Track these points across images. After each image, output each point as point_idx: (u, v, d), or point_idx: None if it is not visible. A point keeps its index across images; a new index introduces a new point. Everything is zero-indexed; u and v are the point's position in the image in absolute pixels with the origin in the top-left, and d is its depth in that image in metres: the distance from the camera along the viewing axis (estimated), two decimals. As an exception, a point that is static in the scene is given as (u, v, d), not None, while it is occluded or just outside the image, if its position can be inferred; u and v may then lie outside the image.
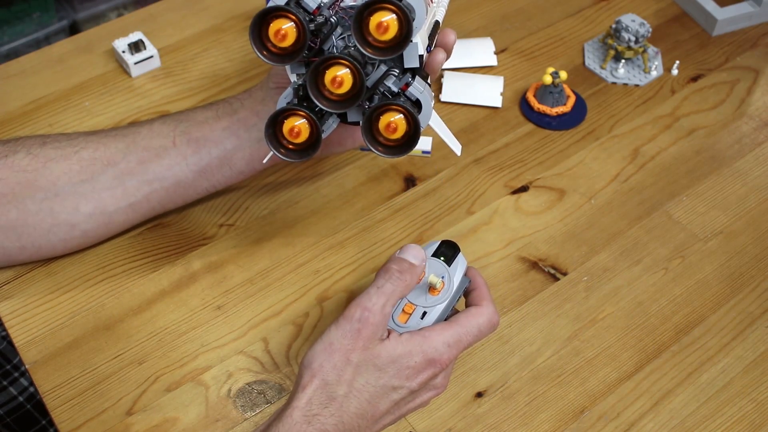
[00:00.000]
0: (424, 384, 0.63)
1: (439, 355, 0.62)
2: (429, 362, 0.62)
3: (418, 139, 0.62)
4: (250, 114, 0.74)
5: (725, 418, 0.71)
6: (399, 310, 0.66)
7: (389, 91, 0.64)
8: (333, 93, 0.62)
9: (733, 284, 0.80)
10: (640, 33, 0.94)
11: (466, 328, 0.64)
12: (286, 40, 0.61)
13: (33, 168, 0.71)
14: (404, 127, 0.63)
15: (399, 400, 0.63)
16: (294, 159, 0.65)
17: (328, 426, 0.60)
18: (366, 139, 0.64)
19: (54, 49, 0.98)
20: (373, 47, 0.60)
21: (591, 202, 0.85)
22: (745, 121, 0.94)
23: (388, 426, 0.64)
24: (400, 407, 0.64)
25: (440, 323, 0.64)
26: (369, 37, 0.60)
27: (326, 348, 0.61)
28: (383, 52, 0.60)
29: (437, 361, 0.62)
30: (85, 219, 0.73)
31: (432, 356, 0.62)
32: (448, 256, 0.67)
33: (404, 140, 0.63)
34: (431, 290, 0.66)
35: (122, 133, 0.74)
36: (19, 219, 0.71)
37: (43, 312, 0.75)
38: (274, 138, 0.65)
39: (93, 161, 0.72)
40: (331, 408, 0.60)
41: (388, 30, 0.59)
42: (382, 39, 0.60)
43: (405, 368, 0.62)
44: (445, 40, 0.70)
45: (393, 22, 0.59)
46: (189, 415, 0.69)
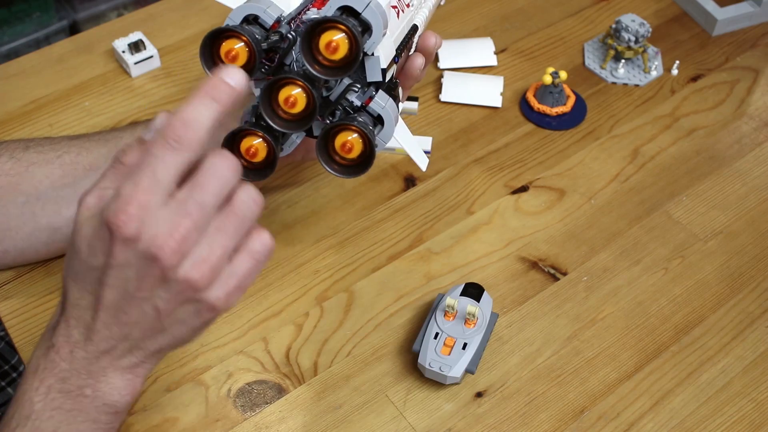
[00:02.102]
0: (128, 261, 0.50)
1: (111, 213, 0.49)
2: (105, 227, 0.50)
3: (372, 160, 0.61)
4: (230, 120, 0.74)
5: (725, 418, 0.71)
6: (440, 344, 0.70)
7: (351, 105, 0.62)
8: (287, 113, 0.61)
9: (733, 284, 0.80)
10: (640, 33, 0.94)
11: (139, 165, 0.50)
12: (237, 60, 0.59)
13: (15, 172, 0.72)
14: (360, 147, 0.61)
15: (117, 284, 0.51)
16: (251, 179, 0.63)
17: (62, 325, 0.54)
18: (320, 158, 0.62)
19: (54, 49, 0.98)
20: (322, 66, 0.58)
21: (591, 202, 0.85)
22: (745, 121, 0.94)
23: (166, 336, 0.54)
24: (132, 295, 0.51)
25: None
26: (319, 56, 0.58)
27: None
28: (333, 72, 0.58)
29: (110, 222, 0.49)
30: (68, 223, 0.73)
31: (105, 219, 0.49)
32: (475, 294, 0.73)
33: (360, 160, 0.62)
34: (467, 323, 0.71)
35: (105, 138, 0.75)
36: (2, 223, 0.72)
37: (43, 312, 0.75)
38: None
39: (75, 165, 0.73)
40: (65, 305, 0.54)
41: (338, 49, 0.57)
42: (333, 58, 0.58)
43: (92, 241, 0.51)
44: (425, 45, 0.70)
45: (343, 41, 0.57)
46: (189, 415, 0.69)
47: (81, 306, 0.53)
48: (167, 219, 0.49)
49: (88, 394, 0.54)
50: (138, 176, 0.49)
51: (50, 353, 0.54)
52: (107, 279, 0.51)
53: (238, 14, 0.60)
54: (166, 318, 0.52)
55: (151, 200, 0.49)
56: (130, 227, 0.49)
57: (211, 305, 0.52)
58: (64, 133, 0.88)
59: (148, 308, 0.52)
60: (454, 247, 0.81)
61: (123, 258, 0.50)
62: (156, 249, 0.49)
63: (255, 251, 0.53)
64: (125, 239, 0.49)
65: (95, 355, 0.54)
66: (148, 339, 0.53)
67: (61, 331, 0.54)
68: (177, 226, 0.49)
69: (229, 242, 0.51)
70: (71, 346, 0.54)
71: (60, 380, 0.54)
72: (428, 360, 0.70)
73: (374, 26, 0.59)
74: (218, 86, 0.50)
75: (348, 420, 0.70)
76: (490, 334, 0.72)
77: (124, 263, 0.50)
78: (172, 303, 0.51)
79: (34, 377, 0.54)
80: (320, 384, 0.72)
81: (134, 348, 0.54)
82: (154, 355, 0.55)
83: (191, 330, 0.54)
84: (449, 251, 0.81)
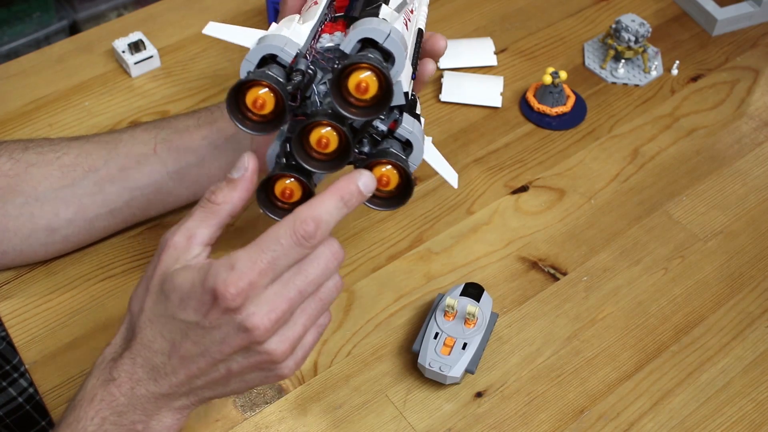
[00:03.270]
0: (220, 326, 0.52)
1: (220, 281, 0.51)
2: (209, 292, 0.51)
3: (411, 190, 0.60)
4: (228, 124, 0.75)
5: (725, 418, 0.71)
6: (440, 344, 0.70)
7: (377, 132, 0.61)
8: (321, 153, 0.59)
9: (733, 284, 0.80)
10: (640, 33, 0.94)
11: (259, 245, 0.52)
12: (265, 108, 0.57)
13: (14, 173, 0.72)
14: (396, 179, 0.60)
15: (201, 341, 0.53)
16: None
17: (127, 361, 0.55)
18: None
19: (54, 49, 0.98)
20: (356, 107, 0.57)
21: (591, 202, 0.85)
22: (745, 121, 0.94)
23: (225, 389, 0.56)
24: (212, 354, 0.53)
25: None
26: (350, 98, 0.57)
27: (139, 283, 0.57)
28: (367, 111, 0.57)
29: (217, 291, 0.51)
30: (66, 224, 0.73)
31: (211, 284, 0.51)
32: (475, 294, 0.73)
33: (397, 191, 0.61)
34: (467, 323, 0.71)
35: (104, 139, 0.75)
36: (0, 224, 0.71)
37: (43, 312, 0.75)
38: (267, 202, 0.61)
39: (74, 167, 0.73)
40: (134, 342, 0.55)
41: (369, 89, 0.56)
42: (365, 98, 0.56)
43: (188, 297, 0.53)
44: (435, 49, 0.69)
45: (372, 80, 0.55)
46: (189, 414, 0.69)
47: (152, 348, 0.55)
48: (269, 299, 0.52)
49: (139, 430, 0.56)
50: (257, 256, 0.52)
51: (110, 386, 0.56)
52: (192, 334, 0.53)
53: (256, 55, 0.57)
54: (234, 377, 0.55)
55: (262, 281, 0.52)
56: (237, 301, 0.51)
57: (281, 375, 0.56)
58: (64, 133, 0.88)
59: (222, 367, 0.54)
60: (454, 247, 0.81)
61: (217, 323, 0.52)
62: (251, 324, 0.52)
63: (321, 325, 0.57)
64: (227, 309, 0.51)
65: (155, 396, 0.55)
66: (209, 389, 0.56)
67: (126, 367, 0.55)
68: (275, 308, 0.52)
69: (309, 323, 0.55)
70: (133, 383, 0.55)
71: (116, 414, 0.56)
72: (428, 360, 0.70)
73: (397, 55, 0.57)
74: (351, 190, 0.54)
75: (348, 420, 0.70)
76: (490, 334, 0.72)
77: (215, 327, 0.53)
78: (246, 368, 0.55)
79: (90, 406, 0.56)
80: (320, 384, 0.72)
81: (192, 393, 0.56)
82: (206, 400, 0.58)
83: (249, 388, 0.57)
84: (449, 251, 0.81)
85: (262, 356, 0.54)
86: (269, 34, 0.59)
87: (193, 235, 0.55)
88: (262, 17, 1.01)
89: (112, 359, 0.56)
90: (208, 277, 0.52)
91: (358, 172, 0.55)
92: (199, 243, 0.55)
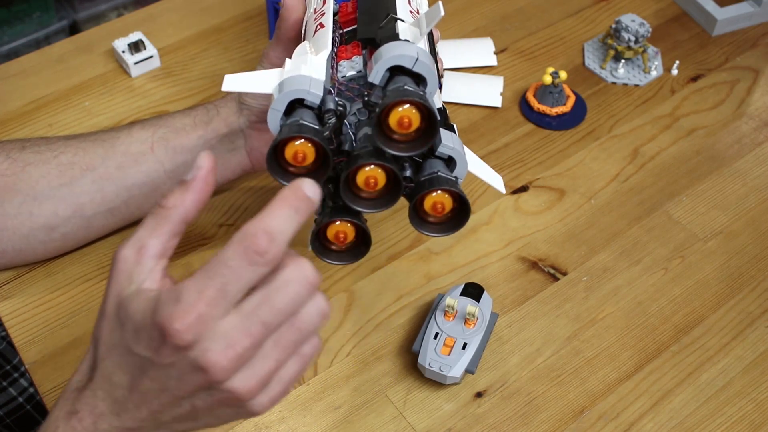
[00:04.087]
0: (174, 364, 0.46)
1: (165, 316, 0.44)
2: (157, 327, 0.45)
3: (469, 211, 0.58)
4: (222, 125, 0.75)
5: (725, 418, 0.71)
6: (440, 344, 0.70)
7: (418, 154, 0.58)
8: (370, 192, 0.57)
9: (733, 284, 0.80)
10: (640, 33, 0.94)
11: (207, 270, 0.45)
12: (307, 160, 0.55)
13: (12, 172, 0.72)
14: (450, 203, 0.58)
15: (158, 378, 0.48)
16: (346, 261, 0.61)
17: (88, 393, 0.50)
18: (414, 225, 0.59)
19: (54, 49, 0.98)
20: (400, 143, 0.54)
21: (591, 202, 0.85)
22: (745, 121, 0.94)
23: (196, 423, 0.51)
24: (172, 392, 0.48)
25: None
26: (394, 135, 0.54)
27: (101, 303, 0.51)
28: (413, 145, 0.54)
29: (164, 327, 0.44)
30: (64, 222, 0.73)
31: (158, 320, 0.45)
32: (475, 294, 0.73)
33: (453, 214, 0.59)
34: (467, 323, 0.71)
35: (101, 138, 0.75)
36: None
37: (43, 312, 0.75)
38: (323, 249, 0.60)
39: (72, 166, 0.73)
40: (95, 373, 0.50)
41: (412, 122, 0.53)
42: (409, 132, 0.54)
43: (140, 330, 0.47)
44: None
45: (413, 113, 0.53)
46: None
47: (113, 381, 0.49)
48: (225, 334, 0.45)
49: None
50: (204, 283, 0.45)
51: (72, 419, 0.50)
52: (149, 371, 0.47)
53: (282, 103, 0.56)
54: (201, 414, 0.49)
55: (213, 312, 0.45)
56: (185, 338, 0.44)
57: (253, 412, 0.49)
58: (63, 133, 0.88)
59: (186, 404, 0.49)
60: (454, 247, 0.81)
61: (169, 360, 0.46)
62: (207, 363, 0.45)
63: (305, 355, 0.49)
64: (176, 346, 0.45)
65: (120, 431, 0.50)
66: (177, 423, 0.51)
67: (87, 400, 0.50)
68: (234, 344, 0.45)
69: (283, 357, 0.48)
70: (95, 417, 0.50)
71: None
72: (428, 360, 0.70)
73: (428, 78, 0.55)
74: (300, 197, 0.47)
75: (348, 420, 0.70)
76: (490, 334, 0.72)
77: (170, 365, 0.46)
78: (211, 405, 0.49)
79: None
80: (320, 384, 0.72)
81: (161, 427, 0.51)
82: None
83: (223, 422, 0.51)
84: (449, 251, 0.81)
85: (225, 394, 0.47)
86: (290, 76, 0.56)
87: (143, 246, 0.48)
88: (262, 17, 1.01)
89: (76, 388, 0.51)
90: (155, 309, 0.45)
91: (299, 181, 0.48)
92: (152, 255, 0.49)
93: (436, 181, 0.57)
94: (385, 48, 0.55)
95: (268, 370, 0.47)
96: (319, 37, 0.61)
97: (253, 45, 0.98)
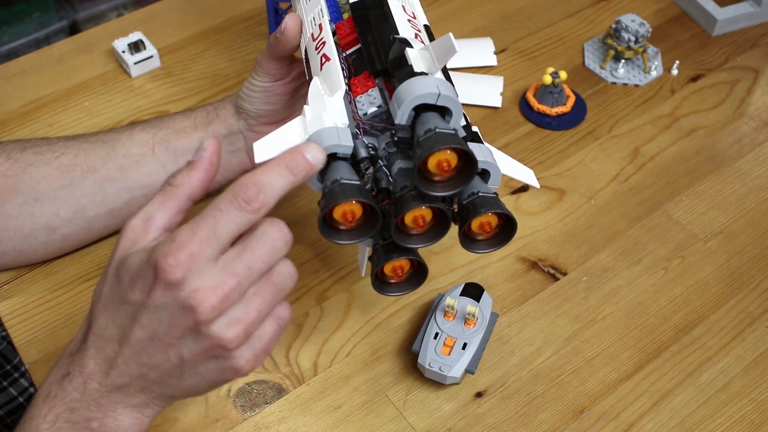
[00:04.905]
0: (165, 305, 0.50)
1: (161, 254, 0.49)
2: (152, 266, 0.49)
3: (516, 224, 0.59)
4: (222, 127, 0.75)
5: (725, 418, 0.71)
6: (440, 344, 0.70)
7: None
8: (419, 230, 0.58)
9: (733, 284, 0.80)
10: (640, 33, 0.94)
11: (200, 215, 0.50)
12: (357, 216, 0.56)
13: (13, 173, 0.72)
14: (496, 220, 0.59)
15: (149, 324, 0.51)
16: (407, 291, 0.63)
17: (80, 354, 0.53)
18: (467, 247, 0.61)
19: (54, 49, 0.98)
20: (441, 182, 0.55)
21: (591, 202, 0.85)
22: (745, 121, 0.94)
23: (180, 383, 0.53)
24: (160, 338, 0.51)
25: None
26: (434, 177, 0.55)
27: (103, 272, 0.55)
28: (455, 183, 0.55)
29: (158, 263, 0.49)
30: (65, 223, 0.73)
31: (153, 258, 0.49)
32: (475, 294, 0.73)
33: (500, 229, 0.60)
34: (467, 323, 0.71)
35: (102, 139, 0.75)
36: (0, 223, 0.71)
37: (43, 312, 0.75)
38: (383, 285, 0.62)
39: (73, 167, 0.73)
40: (89, 333, 0.53)
41: (451, 165, 0.54)
42: (450, 171, 0.54)
43: (136, 276, 0.50)
44: None
45: (451, 155, 0.54)
46: (189, 415, 0.69)
47: (104, 337, 0.53)
48: (214, 274, 0.49)
49: (95, 428, 0.54)
50: (197, 224, 0.49)
51: (64, 381, 0.54)
52: (140, 317, 0.51)
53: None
54: (187, 368, 0.52)
55: (204, 252, 0.49)
56: (176, 273, 0.49)
57: (237, 367, 0.52)
58: (63, 133, 0.88)
59: (173, 355, 0.51)
60: (454, 247, 0.81)
61: (161, 301, 0.50)
62: (195, 301, 0.49)
63: (280, 317, 0.54)
64: (168, 283, 0.49)
65: (108, 390, 0.53)
66: (163, 383, 0.53)
67: (78, 361, 0.54)
68: (221, 283, 0.49)
69: (264, 308, 0.52)
70: (85, 377, 0.53)
71: (69, 410, 0.53)
72: (428, 360, 0.70)
73: (453, 109, 0.56)
74: (297, 159, 0.52)
75: (348, 420, 0.70)
76: (490, 334, 0.72)
77: (161, 306, 0.50)
78: (197, 355, 0.51)
79: (44, 403, 0.54)
80: (320, 384, 0.72)
81: (147, 389, 0.54)
82: (165, 399, 0.55)
83: (208, 384, 0.54)
84: (449, 251, 0.81)
85: (212, 340, 0.50)
86: (317, 132, 0.56)
87: (151, 217, 0.52)
88: (262, 17, 1.01)
89: (70, 354, 0.54)
90: (152, 252, 0.50)
91: (305, 144, 0.53)
92: (158, 227, 0.52)
93: (480, 205, 0.58)
94: (406, 88, 0.55)
95: (251, 319, 0.51)
96: (329, 73, 0.61)
97: (253, 45, 0.98)
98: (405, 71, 0.57)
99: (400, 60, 0.58)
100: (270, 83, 0.72)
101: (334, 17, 0.65)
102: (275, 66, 0.71)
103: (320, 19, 0.65)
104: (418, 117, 0.56)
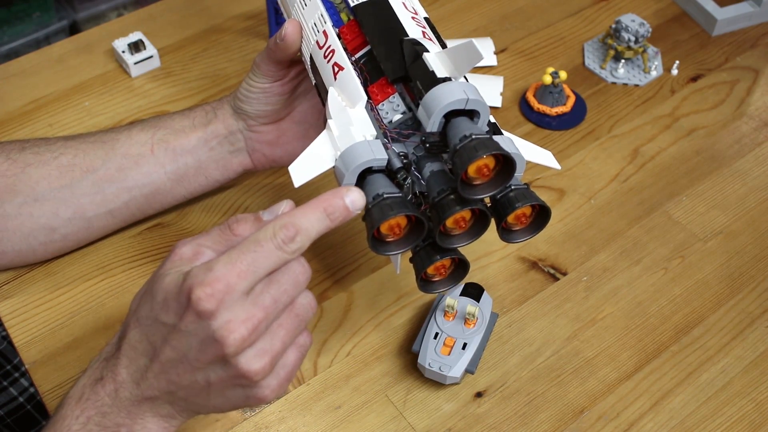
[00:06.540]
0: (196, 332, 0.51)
1: (197, 282, 0.50)
2: (186, 292, 0.50)
3: (549, 213, 0.60)
4: (221, 127, 0.75)
5: (725, 418, 0.71)
6: (440, 344, 0.70)
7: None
8: (460, 230, 0.59)
9: (733, 284, 0.80)
10: (640, 33, 0.94)
11: (239, 248, 0.52)
12: (403, 228, 0.57)
13: (12, 173, 0.72)
14: (530, 209, 0.60)
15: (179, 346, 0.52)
16: (451, 285, 0.63)
17: (114, 361, 0.55)
18: (505, 238, 0.62)
19: (54, 49, 0.98)
20: (481, 186, 0.56)
21: (591, 202, 0.85)
22: (745, 121, 0.94)
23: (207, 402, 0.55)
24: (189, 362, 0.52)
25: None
26: (474, 181, 0.56)
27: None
28: (494, 185, 0.56)
29: (192, 291, 0.50)
30: (65, 223, 0.73)
31: (188, 285, 0.50)
32: (475, 294, 0.73)
33: (534, 218, 0.61)
34: (467, 323, 0.71)
35: (101, 139, 0.75)
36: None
37: (43, 312, 0.75)
38: (427, 285, 0.62)
39: (72, 167, 0.73)
40: (123, 342, 0.55)
41: (490, 169, 0.55)
42: (489, 177, 0.55)
43: (169, 298, 0.52)
44: None
45: (489, 160, 0.55)
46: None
47: (138, 350, 0.54)
48: (244, 307, 0.51)
49: None
50: (237, 258, 0.51)
51: (97, 386, 0.55)
52: (170, 338, 0.52)
53: (353, 178, 0.56)
54: (213, 391, 0.54)
55: (240, 285, 0.50)
56: (210, 304, 0.50)
57: (262, 396, 0.54)
58: (63, 133, 0.88)
59: (200, 378, 0.53)
60: (454, 247, 0.81)
61: (192, 327, 0.51)
62: (225, 332, 0.50)
63: (302, 345, 0.56)
64: (200, 312, 0.50)
65: (138, 399, 0.55)
66: (190, 401, 0.55)
67: (112, 368, 0.55)
68: (251, 316, 0.51)
69: (288, 338, 0.54)
70: (117, 385, 0.55)
71: (100, 414, 0.55)
72: (428, 360, 0.70)
73: (481, 110, 0.56)
74: (335, 204, 0.54)
75: (348, 420, 0.70)
76: (489, 334, 0.72)
77: (192, 332, 0.51)
78: (224, 381, 0.53)
79: (76, 405, 0.56)
80: (320, 384, 0.72)
81: (175, 403, 0.55)
82: (191, 413, 0.57)
83: (232, 406, 0.55)
84: (449, 251, 0.81)
85: (239, 371, 0.52)
86: (349, 148, 0.57)
87: (201, 252, 0.54)
88: (262, 17, 1.01)
89: (104, 358, 0.56)
90: (187, 278, 0.51)
91: (346, 188, 0.54)
92: (203, 261, 0.54)
93: (515, 199, 0.59)
94: (433, 97, 0.55)
95: (277, 349, 0.53)
96: (345, 83, 0.61)
97: (253, 45, 0.98)
98: (428, 78, 0.57)
99: (419, 65, 0.58)
100: (268, 84, 0.72)
101: (334, 21, 0.65)
102: (274, 68, 0.71)
103: (323, 25, 0.64)
104: (449, 122, 0.56)
